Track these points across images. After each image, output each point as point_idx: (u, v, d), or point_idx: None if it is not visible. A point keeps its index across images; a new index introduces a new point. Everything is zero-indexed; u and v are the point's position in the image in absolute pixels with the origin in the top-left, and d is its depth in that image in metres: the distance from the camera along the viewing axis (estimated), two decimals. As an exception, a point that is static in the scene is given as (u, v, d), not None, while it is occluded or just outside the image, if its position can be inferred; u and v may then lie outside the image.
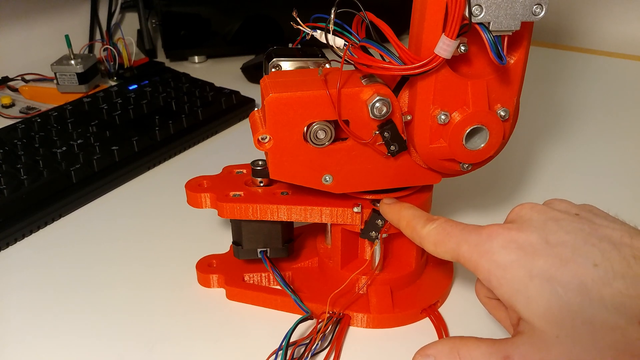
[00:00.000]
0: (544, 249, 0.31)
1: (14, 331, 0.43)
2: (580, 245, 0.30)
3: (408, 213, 0.38)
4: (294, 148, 0.38)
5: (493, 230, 0.32)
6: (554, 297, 0.29)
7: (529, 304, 0.30)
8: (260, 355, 0.40)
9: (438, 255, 0.35)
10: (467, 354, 0.33)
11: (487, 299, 0.39)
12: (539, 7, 0.33)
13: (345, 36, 0.37)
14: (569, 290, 0.29)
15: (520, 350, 0.31)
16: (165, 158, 0.67)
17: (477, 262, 0.32)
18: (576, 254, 0.30)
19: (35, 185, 0.56)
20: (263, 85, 0.39)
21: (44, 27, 0.94)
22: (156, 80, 0.80)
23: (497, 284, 0.31)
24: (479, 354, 0.32)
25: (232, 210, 0.43)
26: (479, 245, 0.32)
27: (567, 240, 0.31)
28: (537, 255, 0.30)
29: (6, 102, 0.80)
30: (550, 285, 0.29)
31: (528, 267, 0.30)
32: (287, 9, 0.37)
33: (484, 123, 0.37)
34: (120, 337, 0.43)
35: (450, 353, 0.33)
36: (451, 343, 0.34)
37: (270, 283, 0.47)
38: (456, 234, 0.34)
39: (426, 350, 0.35)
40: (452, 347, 0.33)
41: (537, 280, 0.30)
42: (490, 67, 0.37)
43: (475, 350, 0.33)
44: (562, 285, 0.29)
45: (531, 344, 0.30)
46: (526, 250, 0.31)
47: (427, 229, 0.36)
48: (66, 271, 0.50)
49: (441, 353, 0.34)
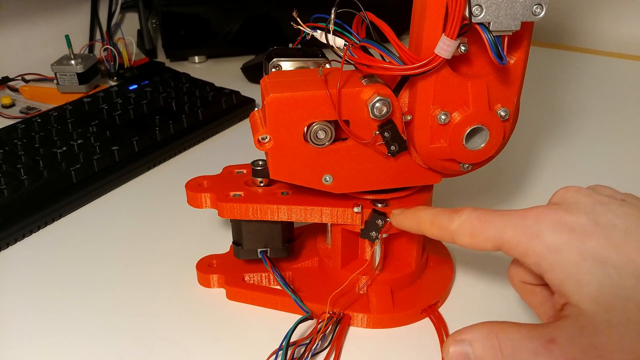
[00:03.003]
0: (595, 231, 0.30)
1: (14, 331, 0.43)
2: (631, 229, 0.29)
3: (427, 213, 0.36)
4: (294, 148, 0.38)
5: (540, 212, 0.31)
6: (606, 279, 0.28)
7: (580, 287, 0.29)
8: (260, 355, 0.40)
9: (475, 246, 0.33)
10: (506, 338, 0.31)
11: (522, 284, 0.37)
12: (539, 7, 0.33)
13: (346, 36, 0.37)
14: (623, 274, 0.28)
15: (566, 334, 0.29)
16: (165, 158, 0.67)
17: (526, 247, 0.31)
18: (628, 238, 0.29)
19: (35, 185, 0.56)
20: (263, 85, 0.39)
21: (44, 27, 0.94)
22: (156, 80, 0.80)
23: (549, 268, 0.30)
24: (520, 337, 0.31)
25: (232, 210, 0.43)
26: (526, 228, 0.31)
27: (617, 224, 0.30)
28: (588, 236, 0.29)
29: (6, 102, 0.80)
30: (603, 268, 0.29)
31: (580, 248, 0.29)
32: (287, 9, 0.37)
33: (484, 123, 0.37)
34: (120, 337, 0.43)
35: (488, 337, 0.31)
36: (488, 327, 0.32)
37: (270, 283, 0.47)
38: (496, 220, 0.32)
39: (460, 335, 0.32)
40: (489, 331, 0.32)
41: (590, 262, 0.29)
42: (490, 67, 0.36)
43: (515, 334, 0.31)
44: (615, 268, 0.28)
45: (579, 328, 0.29)
46: (577, 232, 0.30)
47: (457, 222, 0.33)
48: (66, 271, 0.50)
49: (477, 338, 0.32)
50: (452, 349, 0.33)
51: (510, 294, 0.47)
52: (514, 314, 0.45)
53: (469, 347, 0.32)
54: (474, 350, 0.32)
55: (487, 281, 0.48)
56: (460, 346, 0.32)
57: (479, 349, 0.32)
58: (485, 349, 0.32)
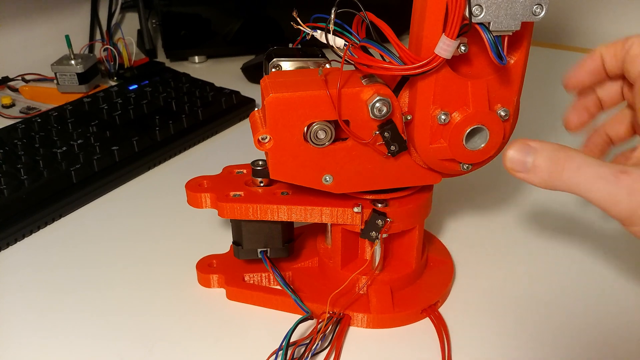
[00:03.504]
0: None
1: (14, 331, 0.43)
2: None
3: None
4: (294, 148, 0.38)
5: None
6: None
7: None
8: (260, 355, 0.40)
9: None
10: (577, 157, 0.31)
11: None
12: (539, 7, 0.33)
13: (346, 36, 0.37)
14: None
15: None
16: (165, 158, 0.67)
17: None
18: None
19: (35, 185, 0.56)
20: (263, 85, 0.39)
21: (44, 27, 0.94)
22: (156, 80, 0.80)
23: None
24: (592, 162, 0.31)
25: (232, 210, 0.43)
26: None
27: None
28: None
29: (6, 102, 0.80)
30: None
31: None
32: (287, 9, 0.37)
33: (484, 123, 0.37)
34: (120, 337, 0.43)
35: (557, 150, 0.32)
36: (557, 144, 0.32)
37: (270, 283, 0.47)
38: None
39: (529, 141, 0.33)
40: (561, 147, 0.32)
41: None
42: (490, 67, 0.36)
43: (586, 157, 0.31)
44: None
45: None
46: None
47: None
48: (66, 271, 0.50)
49: (546, 148, 0.32)
50: (514, 153, 0.33)
51: (510, 294, 0.47)
52: (514, 313, 0.45)
53: (531, 157, 0.32)
54: (535, 159, 0.32)
55: (487, 281, 0.48)
56: (524, 154, 0.33)
57: (541, 158, 0.32)
58: (548, 158, 0.32)
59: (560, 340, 0.42)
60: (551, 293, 0.47)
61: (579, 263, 0.50)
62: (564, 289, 0.47)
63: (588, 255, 0.50)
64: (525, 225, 0.54)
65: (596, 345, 0.42)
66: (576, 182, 0.31)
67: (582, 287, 0.47)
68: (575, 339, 0.42)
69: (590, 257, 0.50)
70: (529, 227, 0.54)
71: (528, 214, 0.56)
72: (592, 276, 0.48)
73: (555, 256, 0.51)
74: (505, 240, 0.53)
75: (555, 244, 0.52)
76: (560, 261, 0.50)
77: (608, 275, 0.48)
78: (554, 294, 0.47)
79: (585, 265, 0.49)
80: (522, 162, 0.33)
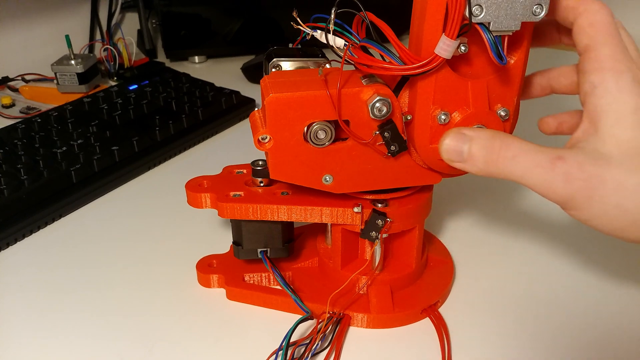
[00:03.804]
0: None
1: (14, 331, 0.43)
2: None
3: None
4: (294, 148, 0.38)
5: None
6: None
7: (618, 126, 0.31)
8: (260, 355, 0.40)
9: None
10: (513, 144, 0.32)
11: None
12: (539, 7, 0.33)
13: (346, 36, 0.37)
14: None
15: (577, 158, 0.31)
16: (165, 158, 0.67)
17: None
18: None
19: (35, 185, 0.56)
20: (263, 85, 0.39)
21: (44, 27, 0.94)
22: (156, 80, 0.80)
23: (603, 91, 0.31)
24: (529, 148, 0.32)
25: (232, 210, 0.43)
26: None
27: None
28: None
29: (6, 102, 0.80)
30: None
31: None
32: (287, 9, 0.37)
33: (484, 123, 0.37)
34: (120, 337, 0.43)
35: (492, 138, 0.32)
36: (493, 131, 0.33)
37: (270, 283, 0.47)
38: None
39: (464, 129, 0.34)
40: (496, 134, 0.33)
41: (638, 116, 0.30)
42: (490, 67, 0.36)
43: (525, 145, 0.32)
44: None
45: (593, 158, 0.31)
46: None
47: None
48: (66, 271, 0.50)
49: (481, 136, 0.33)
50: (449, 142, 0.34)
51: (510, 294, 0.47)
52: (515, 313, 0.45)
53: (467, 144, 0.33)
54: (470, 147, 0.33)
55: (487, 281, 0.48)
56: (460, 141, 0.33)
57: (476, 146, 0.33)
58: (483, 147, 0.32)
59: (560, 340, 0.42)
60: (551, 293, 0.47)
61: (579, 263, 0.50)
62: (564, 289, 0.47)
63: (588, 255, 0.50)
64: (525, 225, 0.54)
65: (596, 345, 0.42)
66: (512, 170, 0.32)
67: (582, 287, 0.47)
68: (575, 339, 0.42)
69: (590, 257, 0.50)
70: (529, 227, 0.54)
71: (528, 214, 0.56)
72: (592, 276, 0.48)
73: (555, 256, 0.51)
74: (505, 240, 0.53)
75: (555, 244, 0.52)
76: (560, 261, 0.50)
77: (608, 275, 0.48)
78: (554, 294, 0.47)
79: (585, 265, 0.49)
80: (458, 151, 0.33)
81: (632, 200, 0.30)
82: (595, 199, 0.30)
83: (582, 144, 0.32)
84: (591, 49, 0.32)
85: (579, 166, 0.31)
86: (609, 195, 0.30)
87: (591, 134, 0.32)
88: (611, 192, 0.30)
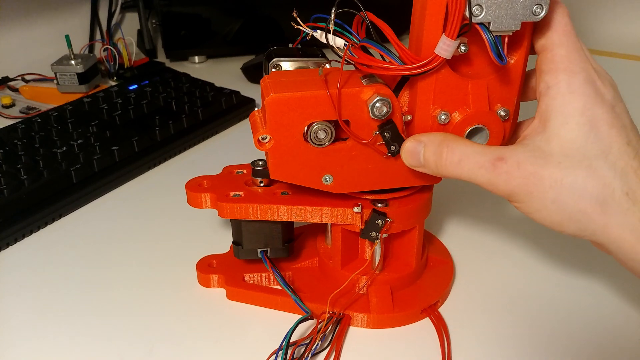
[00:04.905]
0: (608, 110, 0.33)
1: (14, 331, 0.43)
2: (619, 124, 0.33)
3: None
4: (294, 148, 0.38)
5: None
6: (588, 140, 0.32)
7: (564, 127, 0.33)
8: (260, 355, 0.40)
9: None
10: (457, 149, 0.34)
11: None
12: (539, 7, 0.33)
13: (346, 36, 0.37)
14: (601, 145, 0.32)
15: (517, 157, 0.33)
16: (165, 158, 0.67)
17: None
18: (622, 129, 0.33)
19: (35, 185, 0.56)
20: (263, 85, 0.39)
21: (44, 27, 0.94)
22: (156, 80, 0.80)
23: (557, 93, 0.33)
24: (472, 151, 0.34)
25: (232, 210, 0.43)
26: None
27: (625, 119, 0.34)
28: (600, 106, 0.33)
29: (6, 102, 0.80)
30: (593, 132, 0.32)
31: (590, 108, 0.33)
32: (287, 9, 0.37)
33: (484, 123, 0.37)
34: (120, 337, 0.43)
35: (440, 145, 0.35)
36: (445, 137, 0.35)
37: (270, 283, 0.47)
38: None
39: (420, 136, 0.37)
40: (444, 140, 0.35)
41: (587, 118, 0.32)
42: (490, 67, 0.36)
43: (468, 147, 0.34)
44: (599, 140, 0.32)
45: (532, 157, 0.33)
46: (597, 96, 0.33)
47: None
48: (66, 271, 0.50)
49: (432, 141, 0.36)
50: (409, 144, 0.37)
51: (510, 294, 0.47)
52: (515, 313, 0.45)
53: (422, 150, 0.36)
54: (424, 152, 0.36)
55: (487, 281, 0.48)
56: (417, 145, 0.36)
57: (428, 152, 0.36)
58: (433, 153, 0.35)
59: (559, 339, 0.42)
60: (551, 293, 0.47)
61: (579, 263, 0.50)
62: (564, 289, 0.47)
63: (588, 254, 0.50)
64: (525, 225, 0.54)
65: (596, 345, 0.42)
66: (459, 173, 0.35)
67: (582, 287, 0.47)
68: (575, 339, 0.42)
69: (590, 256, 0.50)
70: (529, 227, 0.54)
71: (528, 214, 0.56)
72: (591, 276, 0.48)
73: (555, 256, 0.51)
74: (505, 240, 0.53)
75: (555, 244, 0.52)
76: (560, 261, 0.50)
77: (608, 275, 0.48)
78: (554, 294, 0.47)
79: (585, 265, 0.49)
80: (415, 157, 0.37)
81: (568, 196, 0.32)
82: (535, 194, 0.33)
83: (528, 141, 0.34)
84: (547, 49, 0.34)
85: (517, 165, 0.33)
86: (546, 192, 0.32)
87: (539, 132, 0.34)
88: (548, 189, 0.32)
